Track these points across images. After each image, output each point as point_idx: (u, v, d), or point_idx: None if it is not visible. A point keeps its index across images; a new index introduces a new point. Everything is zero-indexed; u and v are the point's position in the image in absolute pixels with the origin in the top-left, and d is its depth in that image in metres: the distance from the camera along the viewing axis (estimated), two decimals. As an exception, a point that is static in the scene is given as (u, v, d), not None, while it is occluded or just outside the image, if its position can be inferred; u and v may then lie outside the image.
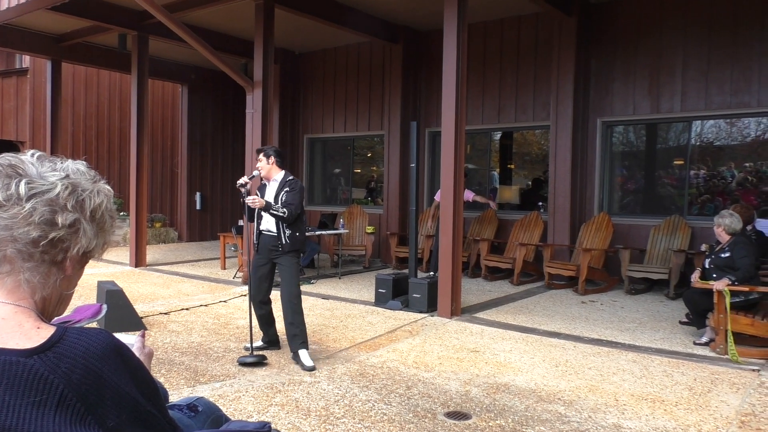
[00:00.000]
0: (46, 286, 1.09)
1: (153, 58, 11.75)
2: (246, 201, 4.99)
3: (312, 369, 4.81)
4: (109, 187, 1.17)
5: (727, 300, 5.29)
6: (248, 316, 5.24)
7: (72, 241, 1.08)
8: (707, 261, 5.95)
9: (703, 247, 6.30)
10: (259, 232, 5.24)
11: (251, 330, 5.14)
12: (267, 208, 5.01)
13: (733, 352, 5.21)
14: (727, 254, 5.72)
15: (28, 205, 1.03)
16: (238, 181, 5.12)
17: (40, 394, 0.93)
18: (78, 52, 11.82)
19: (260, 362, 4.97)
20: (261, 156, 5.30)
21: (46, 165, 1.09)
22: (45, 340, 1.00)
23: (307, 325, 6.34)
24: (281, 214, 5.01)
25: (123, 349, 1.06)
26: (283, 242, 5.11)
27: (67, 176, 1.09)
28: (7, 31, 10.65)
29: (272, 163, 5.26)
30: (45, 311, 1.11)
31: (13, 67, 14.45)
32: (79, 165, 1.14)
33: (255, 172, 5.29)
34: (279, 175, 5.28)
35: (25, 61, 13.66)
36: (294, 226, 5.15)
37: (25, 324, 1.03)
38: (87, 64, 12.55)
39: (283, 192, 5.17)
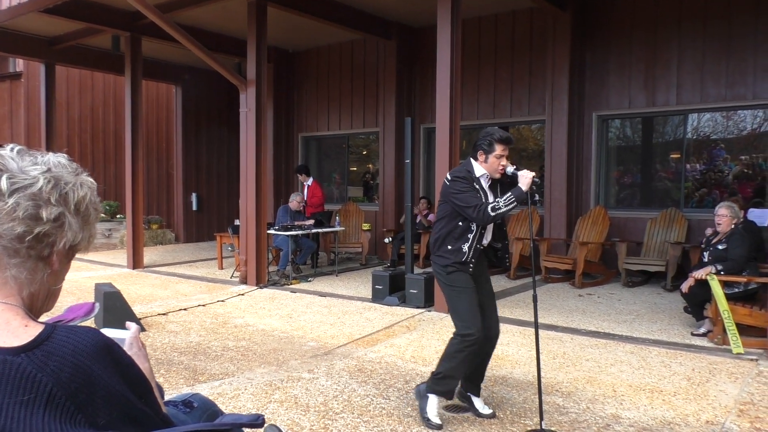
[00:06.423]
0: (33, 282, 1.07)
1: (146, 59, 11.72)
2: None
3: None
4: (92, 180, 1.16)
5: (716, 289, 5.31)
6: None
7: (57, 236, 1.07)
8: (705, 254, 5.97)
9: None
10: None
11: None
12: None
13: (737, 342, 5.18)
14: (724, 246, 5.76)
15: (11, 201, 1.01)
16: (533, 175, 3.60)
17: (28, 392, 0.92)
18: (71, 54, 11.79)
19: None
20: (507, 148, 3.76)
21: (26, 159, 1.08)
22: (33, 338, 0.99)
23: (306, 323, 6.36)
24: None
25: (113, 347, 1.05)
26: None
27: (49, 170, 1.07)
28: (-1, 34, 10.63)
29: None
30: (33, 308, 1.09)
31: (6, 71, 14.41)
32: (61, 158, 1.12)
33: (510, 169, 3.75)
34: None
35: (19, 64, 13.63)
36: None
37: (13, 322, 1.02)
38: (81, 67, 12.53)
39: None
